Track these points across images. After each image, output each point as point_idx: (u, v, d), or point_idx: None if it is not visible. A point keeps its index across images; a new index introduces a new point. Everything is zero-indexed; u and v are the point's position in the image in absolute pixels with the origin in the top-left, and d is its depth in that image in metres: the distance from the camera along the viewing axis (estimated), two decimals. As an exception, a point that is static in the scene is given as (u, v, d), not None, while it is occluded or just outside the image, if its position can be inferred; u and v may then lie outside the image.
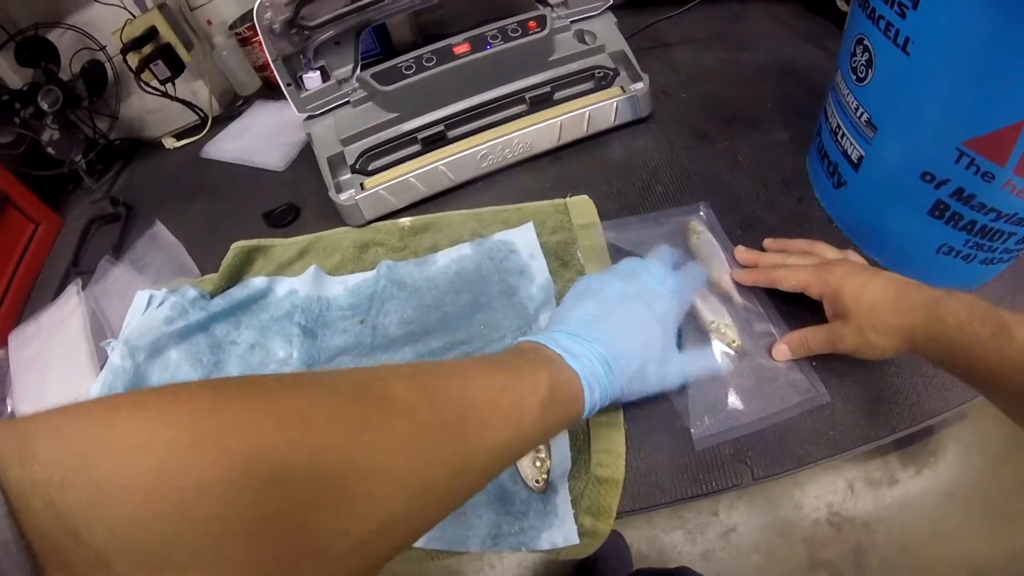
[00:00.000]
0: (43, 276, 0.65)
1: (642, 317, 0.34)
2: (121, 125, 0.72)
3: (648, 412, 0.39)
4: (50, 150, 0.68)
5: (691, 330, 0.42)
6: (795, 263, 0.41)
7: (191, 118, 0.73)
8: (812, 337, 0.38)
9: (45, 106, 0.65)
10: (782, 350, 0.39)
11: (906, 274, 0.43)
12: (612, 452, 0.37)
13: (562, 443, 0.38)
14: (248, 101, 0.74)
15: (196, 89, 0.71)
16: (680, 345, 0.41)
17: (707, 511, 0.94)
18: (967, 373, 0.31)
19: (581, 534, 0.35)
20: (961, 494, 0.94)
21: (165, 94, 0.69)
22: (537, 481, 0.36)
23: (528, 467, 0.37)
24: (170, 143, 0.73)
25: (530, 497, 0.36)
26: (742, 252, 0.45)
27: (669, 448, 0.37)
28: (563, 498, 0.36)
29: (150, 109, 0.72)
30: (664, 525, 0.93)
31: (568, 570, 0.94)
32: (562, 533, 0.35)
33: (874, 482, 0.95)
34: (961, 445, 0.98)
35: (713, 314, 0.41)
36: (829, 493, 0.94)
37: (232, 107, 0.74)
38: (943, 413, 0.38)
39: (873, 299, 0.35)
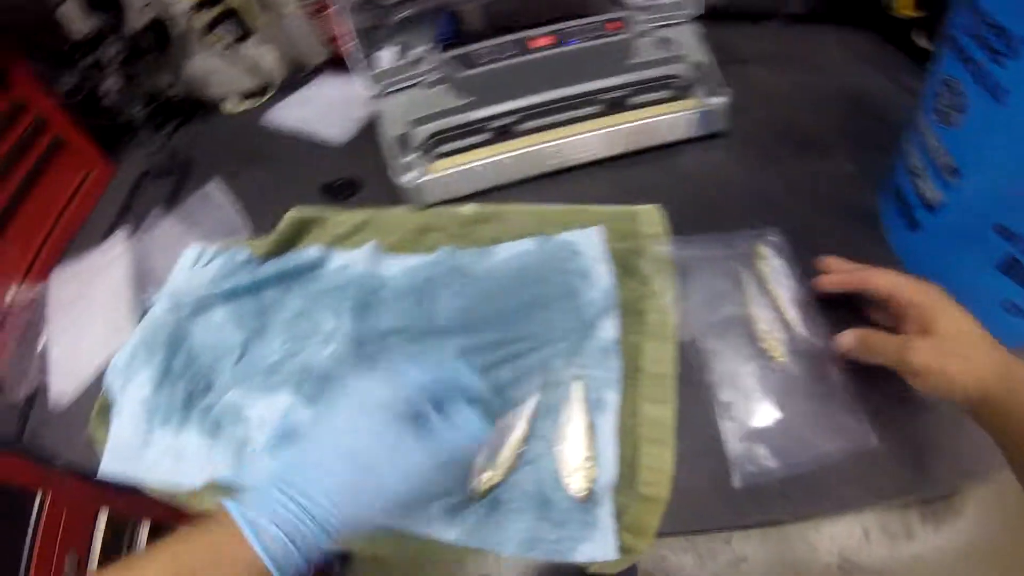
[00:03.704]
0: (91, 221, 0.66)
1: (342, 413, 0.29)
2: (182, 83, 0.73)
3: (694, 433, 0.38)
4: (109, 100, 0.68)
5: (735, 335, 0.42)
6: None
7: (254, 83, 0.73)
8: (881, 340, 0.36)
9: (108, 56, 0.66)
10: (847, 339, 0.38)
11: None
12: (660, 471, 0.36)
13: (609, 454, 0.37)
14: (314, 72, 0.74)
15: (262, 55, 0.71)
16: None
17: (720, 538, 0.92)
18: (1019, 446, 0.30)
19: (618, 549, 0.34)
20: (976, 557, 0.91)
21: (230, 57, 0.69)
22: (580, 490, 0.35)
23: (571, 475, 0.36)
24: (230, 106, 0.73)
25: (571, 506, 0.35)
26: (830, 261, 0.43)
27: (712, 473, 0.37)
28: (605, 511, 0.35)
29: (213, 70, 0.72)
30: (674, 546, 0.92)
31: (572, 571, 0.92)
32: (601, 547, 0.34)
33: (891, 533, 0.92)
34: (983, 505, 0.95)
35: (767, 325, 0.41)
36: (845, 537, 0.92)
37: (296, 76, 0.74)
38: (983, 472, 0.36)
39: (967, 327, 0.33)
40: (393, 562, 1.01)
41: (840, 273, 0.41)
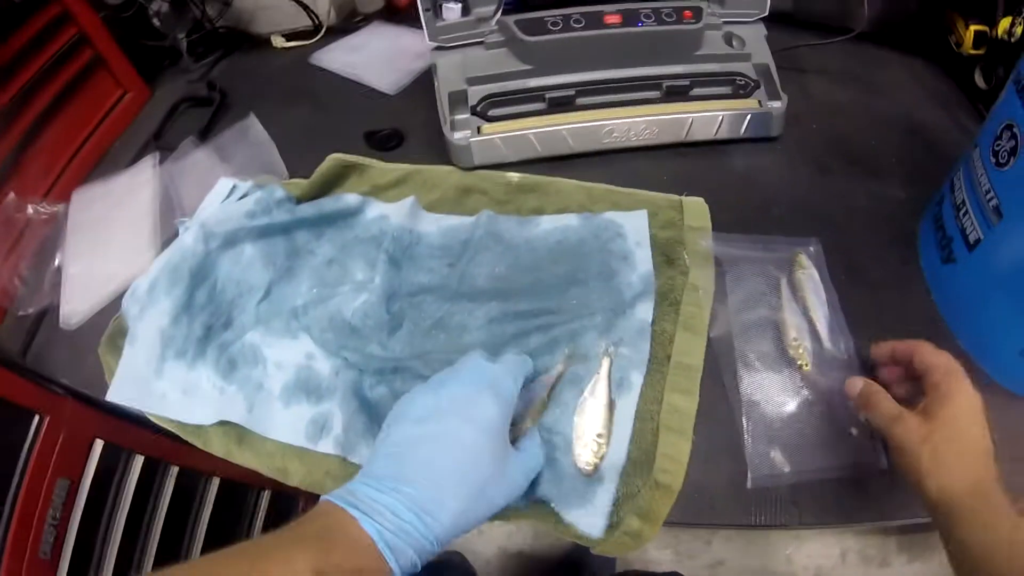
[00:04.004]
0: (120, 143, 0.65)
1: (458, 432, 0.30)
2: (231, 14, 0.71)
3: (714, 428, 0.38)
4: (156, 21, 0.67)
5: (766, 338, 0.42)
6: None
7: (304, 22, 0.71)
8: (881, 401, 0.35)
9: None
10: (854, 386, 0.37)
11: (985, 367, 0.42)
12: (676, 460, 0.36)
13: (623, 435, 0.37)
14: (367, 19, 0.72)
15: (316, -5, 0.70)
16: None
17: (702, 538, 0.94)
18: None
19: (625, 533, 0.34)
20: (944, 593, 0.93)
21: (284, -8, 0.68)
22: (588, 464, 0.35)
23: (583, 447, 0.36)
24: (278, 42, 0.72)
25: (574, 476, 0.36)
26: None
27: (729, 471, 0.37)
28: (605, 491, 0.35)
29: (263, 5, 0.71)
30: (656, 541, 0.93)
31: (554, 555, 0.94)
32: (590, 521, 0.34)
33: (867, 558, 0.94)
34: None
35: (797, 333, 0.41)
36: (822, 556, 0.94)
37: (349, 21, 0.72)
38: None
39: (969, 427, 0.32)
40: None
41: (892, 343, 0.39)
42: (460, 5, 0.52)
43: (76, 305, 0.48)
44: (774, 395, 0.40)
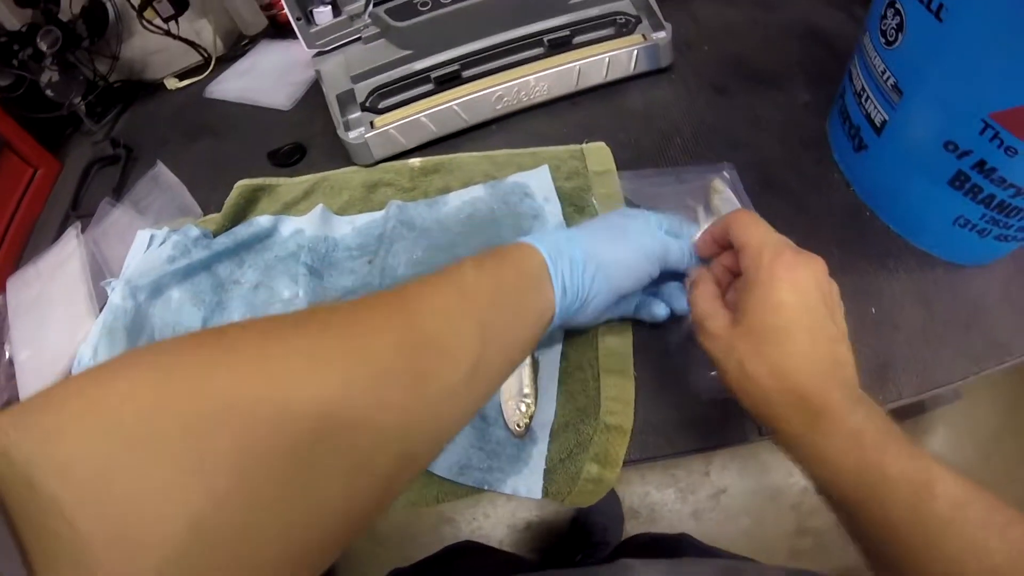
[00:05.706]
0: (42, 220, 0.64)
1: (622, 224, 0.33)
2: (122, 67, 0.70)
3: (659, 364, 0.39)
4: (49, 92, 0.66)
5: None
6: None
7: (194, 59, 0.70)
8: (696, 298, 0.29)
9: (44, 47, 0.63)
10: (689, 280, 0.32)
11: (920, 244, 0.43)
12: (621, 400, 0.37)
13: (551, 394, 0.38)
14: (253, 41, 0.72)
15: (200, 28, 0.69)
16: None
17: (699, 471, 0.95)
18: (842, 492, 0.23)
19: (587, 480, 0.34)
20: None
21: (168, 33, 0.67)
22: (518, 425, 0.36)
23: (512, 410, 0.36)
24: (172, 84, 0.71)
25: (506, 440, 0.36)
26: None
27: (678, 401, 0.37)
28: (539, 450, 0.35)
29: (152, 50, 0.70)
30: (656, 482, 0.94)
31: (562, 520, 0.95)
32: (527, 484, 0.34)
33: (867, 456, 0.95)
34: (952, 429, 0.98)
35: None
36: (822, 464, 0.95)
37: (236, 47, 0.71)
38: (948, 384, 0.37)
39: (801, 319, 0.24)
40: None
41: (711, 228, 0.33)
42: (330, 7, 0.51)
43: (34, 391, 0.48)
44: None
